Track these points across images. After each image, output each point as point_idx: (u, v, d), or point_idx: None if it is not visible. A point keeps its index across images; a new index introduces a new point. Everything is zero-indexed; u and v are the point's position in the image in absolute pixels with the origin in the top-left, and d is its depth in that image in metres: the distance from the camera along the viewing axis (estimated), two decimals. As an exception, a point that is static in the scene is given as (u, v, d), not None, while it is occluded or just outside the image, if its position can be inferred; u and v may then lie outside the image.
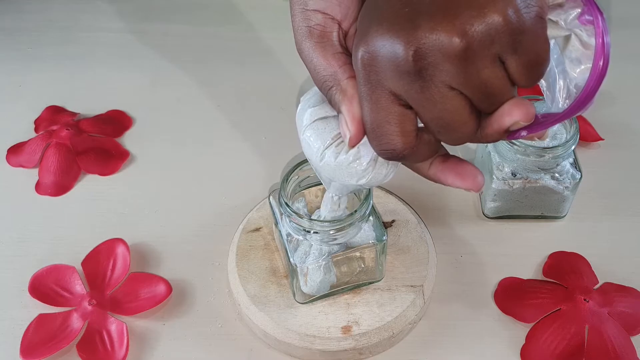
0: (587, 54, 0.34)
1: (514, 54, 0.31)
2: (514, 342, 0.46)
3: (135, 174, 0.58)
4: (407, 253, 0.49)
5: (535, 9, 0.31)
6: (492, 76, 0.31)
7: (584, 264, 0.50)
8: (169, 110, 0.64)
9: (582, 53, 0.34)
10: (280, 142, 0.60)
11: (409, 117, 0.34)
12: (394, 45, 0.31)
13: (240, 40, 0.72)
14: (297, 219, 0.42)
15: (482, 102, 0.32)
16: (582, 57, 0.34)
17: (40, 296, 0.48)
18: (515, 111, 0.32)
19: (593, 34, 0.34)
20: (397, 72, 0.32)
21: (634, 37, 0.71)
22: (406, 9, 0.31)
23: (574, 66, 0.35)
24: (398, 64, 0.31)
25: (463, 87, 0.32)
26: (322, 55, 0.36)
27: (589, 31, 0.34)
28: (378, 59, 0.32)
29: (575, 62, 0.35)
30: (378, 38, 0.32)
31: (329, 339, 0.44)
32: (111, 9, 0.76)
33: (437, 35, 0.30)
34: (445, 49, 0.30)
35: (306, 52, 0.37)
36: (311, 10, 0.36)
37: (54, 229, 0.54)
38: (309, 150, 0.38)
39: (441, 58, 0.31)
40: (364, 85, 0.34)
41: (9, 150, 0.60)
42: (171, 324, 0.48)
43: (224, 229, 0.53)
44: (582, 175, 0.51)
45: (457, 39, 0.30)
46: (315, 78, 0.37)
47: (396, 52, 0.31)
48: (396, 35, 0.31)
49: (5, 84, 0.67)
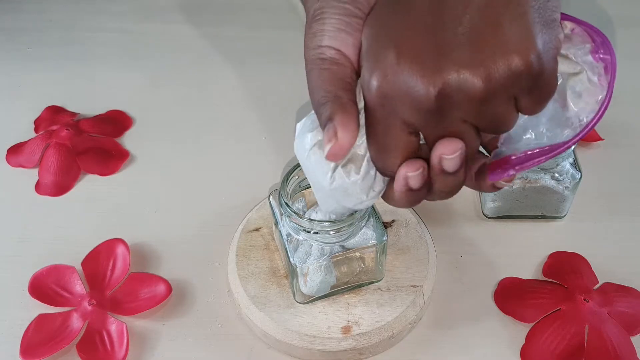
0: (591, 90, 0.35)
1: (529, 94, 0.32)
2: (514, 342, 0.46)
3: (135, 174, 0.58)
4: (407, 253, 0.49)
5: (553, 51, 0.32)
6: (505, 112, 0.33)
7: (584, 264, 0.50)
8: (169, 110, 0.64)
9: (586, 88, 0.35)
10: (280, 142, 0.60)
11: (416, 144, 0.35)
12: (417, 84, 0.31)
13: (240, 40, 0.72)
14: (297, 219, 0.42)
15: (488, 129, 0.34)
16: (584, 92, 0.35)
17: (40, 296, 0.48)
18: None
19: (598, 71, 0.35)
20: (416, 108, 0.32)
21: (634, 37, 0.71)
22: (427, 42, 0.31)
23: (576, 99, 0.35)
24: (419, 102, 0.32)
25: (476, 121, 0.33)
26: (329, 77, 0.35)
27: (596, 68, 0.35)
28: (397, 92, 0.32)
29: (577, 95, 0.35)
30: (398, 72, 0.32)
31: (329, 339, 0.44)
32: (111, 9, 0.76)
33: (462, 79, 0.31)
34: (469, 92, 0.31)
35: (313, 77, 0.36)
36: (326, 46, 0.36)
37: (54, 229, 0.54)
38: (315, 174, 0.37)
39: (463, 99, 0.31)
40: (377, 112, 0.34)
41: (8, 150, 0.60)
42: (171, 324, 0.48)
43: (224, 229, 0.53)
44: (582, 175, 0.51)
45: (481, 84, 0.31)
46: (313, 96, 0.36)
47: (419, 92, 0.31)
48: (420, 74, 0.31)
49: (5, 84, 0.67)
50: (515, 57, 0.31)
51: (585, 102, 0.35)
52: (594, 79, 0.35)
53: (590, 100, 0.35)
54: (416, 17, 0.32)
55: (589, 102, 0.35)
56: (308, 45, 0.37)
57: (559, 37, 0.33)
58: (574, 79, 0.35)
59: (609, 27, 0.72)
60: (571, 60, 0.35)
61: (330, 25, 0.36)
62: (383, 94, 0.33)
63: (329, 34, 0.36)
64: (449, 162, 0.34)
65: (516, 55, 0.31)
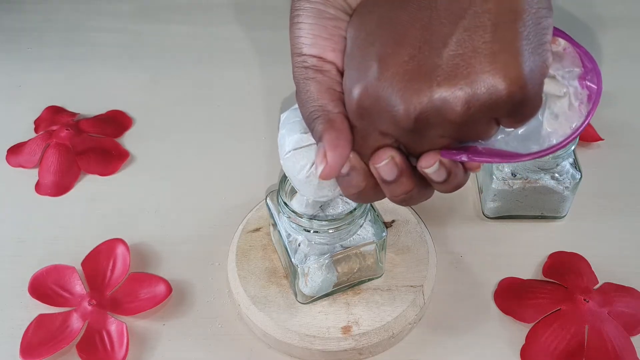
0: (569, 114, 0.35)
1: (510, 117, 0.32)
2: (513, 342, 0.46)
3: (135, 174, 0.58)
4: (407, 253, 0.49)
5: (539, 77, 0.31)
6: (484, 130, 0.33)
7: (583, 264, 0.50)
8: (169, 110, 0.64)
9: (564, 112, 0.35)
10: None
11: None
12: (397, 103, 0.31)
13: (240, 40, 0.72)
14: (296, 219, 0.42)
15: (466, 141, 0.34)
16: (561, 116, 0.35)
17: (40, 296, 0.48)
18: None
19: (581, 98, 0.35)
20: (394, 125, 0.32)
21: (634, 37, 0.71)
22: (411, 60, 0.31)
23: (551, 120, 0.35)
24: (398, 121, 0.32)
25: (455, 138, 0.33)
26: (317, 88, 0.35)
27: (579, 95, 0.35)
28: (376, 107, 0.32)
29: (554, 116, 0.35)
30: (379, 88, 0.32)
31: (328, 339, 0.44)
32: (111, 9, 0.76)
33: (442, 103, 0.30)
34: (448, 116, 0.31)
35: (301, 87, 0.36)
36: (307, 55, 0.36)
37: (54, 229, 0.54)
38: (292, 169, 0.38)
39: (441, 121, 0.31)
40: (356, 120, 0.34)
41: (8, 151, 0.60)
42: (171, 324, 0.48)
43: (224, 229, 0.53)
44: (582, 176, 0.51)
45: (461, 109, 0.30)
46: (303, 109, 0.36)
47: (398, 111, 0.31)
48: (400, 94, 0.31)
49: (5, 84, 0.67)
50: (498, 84, 0.30)
51: (560, 124, 0.35)
52: (574, 104, 0.35)
53: (565, 124, 0.35)
54: (403, 31, 0.32)
55: (563, 125, 0.35)
56: (291, 49, 0.37)
57: (546, 63, 0.31)
58: (555, 101, 0.35)
59: (609, 26, 0.72)
60: (558, 82, 0.35)
61: (305, 31, 0.36)
62: (363, 106, 0.33)
63: (306, 41, 0.36)
64: (435, 175, 0.34)
65: (499, 83, 0.30)
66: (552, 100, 0.35)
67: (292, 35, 0.37)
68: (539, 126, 0.35)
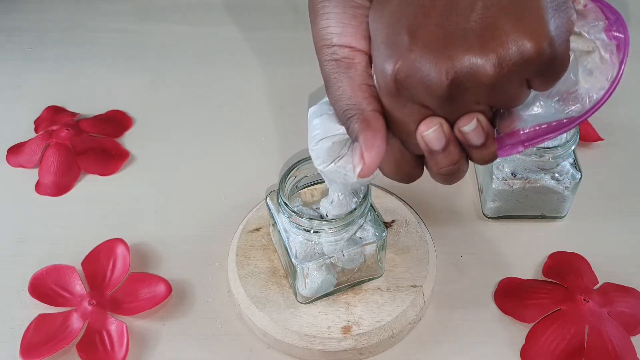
0: (602, 67, 0.35)
1: (540, 76, 0.32)
2: (513, 342, 0.46)
3: (135, 174, 0.58)
4: (407, 253, 0.49)
5: (565, 34, 0.32)
6: (516, 92, 0.33)
7: (584, 264, 0.50)
8: (169, 110, 0.64)
9: (597, 66, 0.35)
10: (280, 142, 0.60)
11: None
12: (430, 71, 0.32)
13: (240, 40, 0.72)
14: (296, 219, 0.42)
15: (500, 106, 0.35)
16: (595, 70, 0.35)
17: (40, 296, 0.48)
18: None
19: (610, 49, 0.35)
20: (430, 94, 0.33)
21: (633, 37, 0.71)
22: (440, 29, 0.32)
23: (586, 76, 0.36)
24: (433, 89, 0.32)
25: (489, 102, 0.33)
26: (349, 85, 0.35)
27: (608, 46, 0.35)
28: (412, 79, 0.32)
29: (588, 72, 0.36)
30: (412, 60, 0.32)
31: (329, 339, 0.44)
32: (111, 9, 0.76)
33: (474, 66, 0.31)
34: (481, 79, 0.31)
35: (333, 82, 0.36)
36: (337, 45, 0.36)
37: (54, 229, 0.54)
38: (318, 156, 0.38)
39: (475, 85, 0.32)
40: (394, 97, 0.34)
41: (8, 151, 0.60)
42: (171, 324, 0.48)
43: (223, 229, 0.53)
44: (582, 176, 0.51)
45: (493, 71, 0.31)
46: (337, 107, 0.36)
47: (432, 79, 0.32)
48: (433, 62, 0.32)
49: (5, 84, 0.67)
50: (527, 43, 0.31)
51: (596, 79, 0.35)
52: (605, 56, 0.35)
53: (601, 78, 0.35)
54: (428, 3, 0.32)
55: (599, 79, 0.35)
56: (318, 44, 0.36)
57: (571, 19, 0.32)
58: (585, 57, 0.35)
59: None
60: (584, 37, 0.35)
61: (335, 21, 0.36)
62: (398, 81, 0.33)
63: (336, 31, 0.36)
64: (472, 136, 0.34)
65: (528, 41, 0.31)
66: (582, 57, 0.35)
67: (318, 27, 0.36)
68: (575, 85, 0.35)
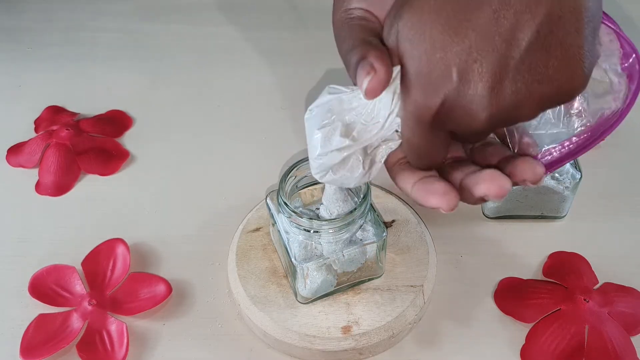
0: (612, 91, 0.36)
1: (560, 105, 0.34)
2: (513, 342, 0.46)
3: (135, 174, 0.58)
4: (407, 253, 0.49)
5: (592, 70, 0.32)
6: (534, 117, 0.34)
7: (584, 264, 0.50)
8: (169, 110, 0.64)
9: (607, 91, 0.36)
10: (280, 142, 0.60)
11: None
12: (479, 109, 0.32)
13: (240, 40, 0.72)
14: (296, 219, 0.42)
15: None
16: (604, 94, 0.37)
17: (40, 296, 0.48)
18: (486, 186, 0.35)
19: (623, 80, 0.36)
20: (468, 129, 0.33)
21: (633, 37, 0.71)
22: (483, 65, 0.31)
23: (595, 98, 0.37)
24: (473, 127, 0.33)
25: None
26: (359, 29, 0.35)
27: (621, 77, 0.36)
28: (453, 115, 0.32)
29: (597, 95, 0.37)
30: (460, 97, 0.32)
31: (329, 339, 0.44)
32: (111, 9, 0.76)
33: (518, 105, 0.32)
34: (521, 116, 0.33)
35: (344, 29, 0.35)
36: (354, 7, 0.36)
37: (54, 229, 0.54)
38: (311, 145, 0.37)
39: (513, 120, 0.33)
40: (425, 128, 0.33)
41: (9, 151, 0.60)
42: (171, 324, 0.48)
43: (223, 229, 0.53)
44: (582, 176, 0.51)
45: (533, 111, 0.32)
46: (344, 45, 0.35)
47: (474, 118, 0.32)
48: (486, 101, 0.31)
49: (5, 84, 0.67)
50: (566, 86, 0.31)
51: (606, 100, 0.36)
52: (616, 83, 0.36)
53: (609, 99, 0.36)
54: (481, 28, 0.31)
55: (608, 100, 0.36)
56: (336, 10, 0.37)
57: (598, 58, 0.33)
58: (597, 85, 0.36)
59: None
60: (599, 66, 0.36)
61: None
62: (436, 116, 0.32)
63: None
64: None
65: (568, 84, 0.31)
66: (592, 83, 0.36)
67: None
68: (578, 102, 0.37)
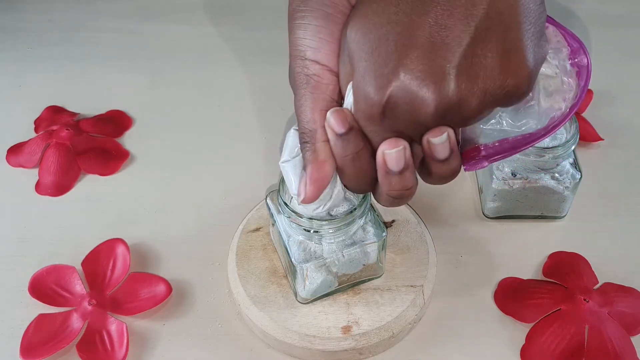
0: (562, 90, 0.37)
1: (510, 103, 0.34)
2: (513, 342, 0.46)
3: (135, 174, 0.58)
4: (407, 253, 0.49)
5: (540, 66, 0.34)
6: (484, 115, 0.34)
7: (584, 264, 0.50)
8: (169, 110, 0.64)
9: (558, 89, 0.37)
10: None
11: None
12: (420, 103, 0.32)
13: (240, 40, 0.72)
14: (296, 219, 0.42)
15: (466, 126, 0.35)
16: (555, 92, 0.37)
17: (40, 296, 0.48)
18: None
19: (572, 75, 0.37)
20: (414, 121, 0.34)
21: (634, 37, 0.71)
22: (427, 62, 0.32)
23: (546, 97, 0.37)
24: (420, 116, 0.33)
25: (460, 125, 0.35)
26: (311, 107, 0.36)
27: (570, 72, 0.37)
28: (399, 109, 0.33)
29: (548, 94, 0.37)
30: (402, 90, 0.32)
31: (329, 339, 0.44)
32: (111, 9, 0.76)
33: (461, 101, 0.32)
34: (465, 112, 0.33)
35: (298, 98, 0.37)
36: (309, 60, 0.36)
37: (54, 229, 0.54)
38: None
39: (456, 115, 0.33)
40: (374, 123, 0.34)
41: (8, 151, 0.60)
42: (171, 324, 0.48)
43: (223, 229, 0.53)
44: (582, 176, 0.51)
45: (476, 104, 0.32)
46: (298, 122, 0.37)
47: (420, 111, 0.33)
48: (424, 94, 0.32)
49: (5, 84, 0.67)
50: (510, 81, 0.32)
51: (555, 100, 0.37)
52: (566, 81, 0.37)
53: (559, 99, 0.37)
54: (413, 30, 0.32)
55: (557, 100, 0.37)
56: (292, 52, 0.36)
57: (545, 54, 0.34)
58: (547, 80, 0.37)
59: (609, 26, 0.72)
60: (549, 63, 0.37)
61: (312, 34, 0.35)
62: (385, 108, 0.33)
63: (312, 45, 0.35)
64: (438, 149, 0.34)
65: (512, 80, 0.32)
66: (545, 80, 0.37)
67: (294, 36, 0.36)
68: (531, 101, 0.37)
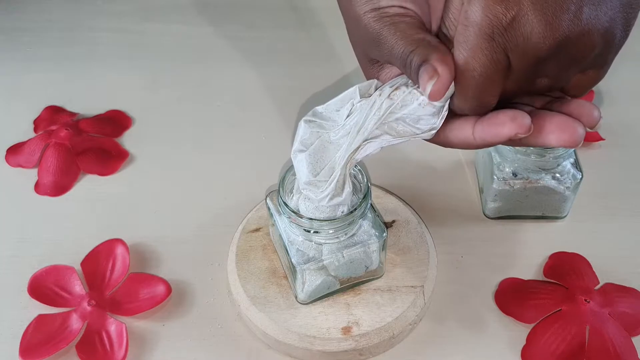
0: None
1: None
2: (514, 342, 0.46)
3: (135, 174, 0.58)
4: (407, 253, 0.49)
5: None
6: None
7: (584, 264, 0.50)
8: (169, 110, 0.64)
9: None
10: (280, 142, 0.60)
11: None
12: (542, 29, 0.32)
13: (240, 40, 0.72)
14: (296, 219, 0.42)
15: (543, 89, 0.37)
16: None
17: (39, 297, 0.48)
18: (556, 136, 0.35)
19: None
20: (529, 51, 0.33)
21: (633, 37, 0.71)
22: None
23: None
24: (537, 47, 0.33)
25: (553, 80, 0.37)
26: (408, 26, 0.33)
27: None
28: (519, 30, 0.32)
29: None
30: (528, 10, 0.31)
31: (329, 339, 0.44)
32: (111, 9, 0.76)
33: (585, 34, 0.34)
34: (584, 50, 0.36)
35: (385, 32, 0.34)
36: (387, 5, 0.34)
37: (54, 229, 0.54)
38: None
39: (574, 54, 0.35)
40: (488, 40, 0.31)
41: (8, 151, 0.60)
42: (171, 324, 0.48)
43: (223, 229, 0.52)
44: (583, 176, 0.51)
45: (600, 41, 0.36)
46: (397, 46, 0.34)
47: (539, 37, 0.32)
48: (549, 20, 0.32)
49: (5, 84, 0.67)
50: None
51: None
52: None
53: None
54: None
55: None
56: (360, 10, 0.34)
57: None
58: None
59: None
60: None
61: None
62: (507, 25, 0.31)
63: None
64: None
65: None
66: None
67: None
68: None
